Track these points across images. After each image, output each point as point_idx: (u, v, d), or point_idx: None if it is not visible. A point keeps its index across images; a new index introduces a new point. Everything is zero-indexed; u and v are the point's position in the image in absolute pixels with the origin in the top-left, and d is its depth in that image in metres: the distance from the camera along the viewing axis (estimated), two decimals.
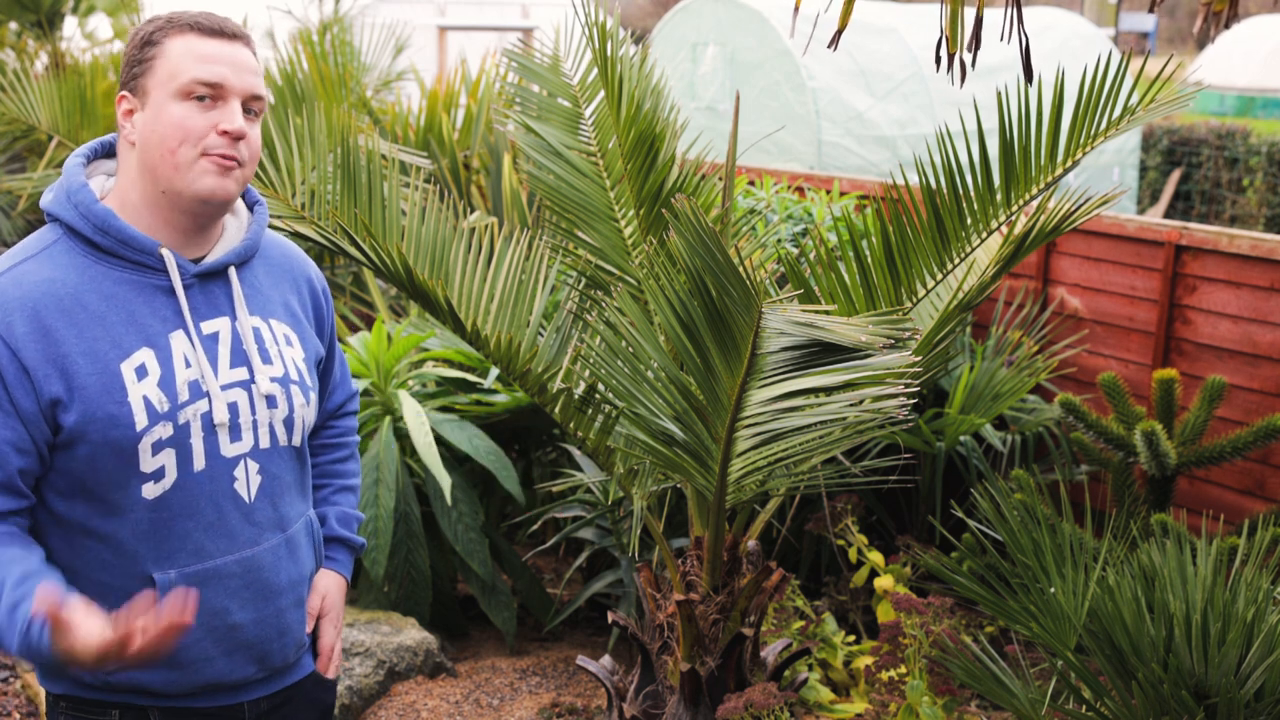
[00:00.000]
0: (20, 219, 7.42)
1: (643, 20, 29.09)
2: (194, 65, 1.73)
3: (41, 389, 1.69)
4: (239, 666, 1.88)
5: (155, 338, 1.76)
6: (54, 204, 1.78)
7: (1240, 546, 2.59)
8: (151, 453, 1.74)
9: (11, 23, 8.39)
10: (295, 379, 1.90)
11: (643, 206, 2.98)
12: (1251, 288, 3.98)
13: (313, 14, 7.94)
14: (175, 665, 1.81)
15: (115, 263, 1.76)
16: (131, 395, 1.72)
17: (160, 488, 1.76)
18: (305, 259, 2.04)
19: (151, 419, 1.73)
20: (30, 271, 1.73)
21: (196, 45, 1.74)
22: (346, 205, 2.69)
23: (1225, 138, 12.67)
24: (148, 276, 1.78)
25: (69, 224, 1.76)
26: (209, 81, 1.73)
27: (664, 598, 2.86)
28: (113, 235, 1.75)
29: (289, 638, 1.94)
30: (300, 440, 1.93)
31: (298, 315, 1.97)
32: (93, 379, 1.71)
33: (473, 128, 6.12)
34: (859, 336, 1.98)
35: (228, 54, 1.76)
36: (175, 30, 1.75)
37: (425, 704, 3.62)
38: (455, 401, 4.10)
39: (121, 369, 1.72)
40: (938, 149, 2.60)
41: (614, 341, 2.44)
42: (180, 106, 1.73)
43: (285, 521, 1.91)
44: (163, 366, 1.76)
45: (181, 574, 1.79)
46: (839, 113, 9.06)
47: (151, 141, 1.74)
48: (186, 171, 1.74)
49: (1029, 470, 4.05)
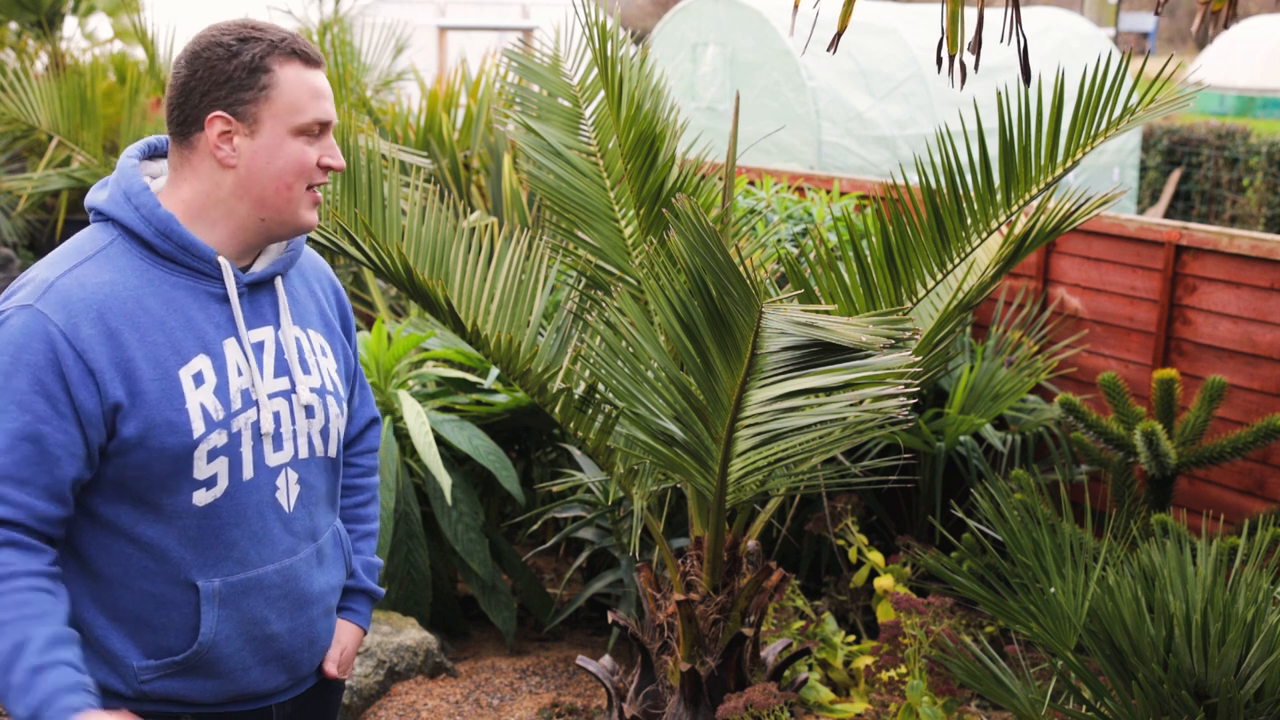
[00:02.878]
0: (20, 219, 7.42)
1: (643, 20, 29.08)
2: (312, 103, 1.76)
3: (106, 392, 1.67)
4: (271, 676, 1.88)
5: (211, 344, 1.76)
6: (109, 204, 1.76)
7: (1240, 546, 2.59)
8: (206, 460, 1.74)
9: (11, 23, 8.39)
10: (331, 389, 1.91)
11: (643, 206, 2.98)
12: (1251, 288, 3.98)
13: (313, 14, 7.94)
14: (213, 675, 1.81)
15: (171, 267, 1.76)
16: (189, 402, 1.72)
17: (211, 495, 1.76)
18: (322, 261, 2.05)
19: (208, 426, 1.73)
20: (91, 273, 1.71)
21: (308, 78, 1.76)
22: (347, 205, 2.70)
23: (1225, 138, 12.67)
24: (202, 283, 1.78)
25: (127, 225, 1.74)
26: (324, 121, 1.78)
27: (664, 598, 2.86)
28: (174, 241, 1.74)
29: (318, 646, 1.96)
30: (335, 451, 1.94)
31: (331, 324, 1.99)
32: (154, 385, 1.70)
33: (473, 128, 6.12)
34: (859, 336, 1.98)
35: (326, 86, 1.79)
36: (283, 57, 1.75)
37: (425, 704, 3.62)
38: (455, 401, 4.10)
39: (180, 375, 1.72)
40: (938, 149, 2.60)
41: (614, 341, 2.44)
42: (296, 143, 1.76)
43: (317, 531, 1.92)
44: (218, 374, 1.76)
45: (226, 583, 1.79)
46: (839, 113, 9.06)
47: (266, 174, 1.75)
48: (297, 205, 1.78)
49: (1029, 470, 4.05)
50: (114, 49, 8.88)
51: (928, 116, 9.33)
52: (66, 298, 1.67)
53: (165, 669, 1.78)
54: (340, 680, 2.08)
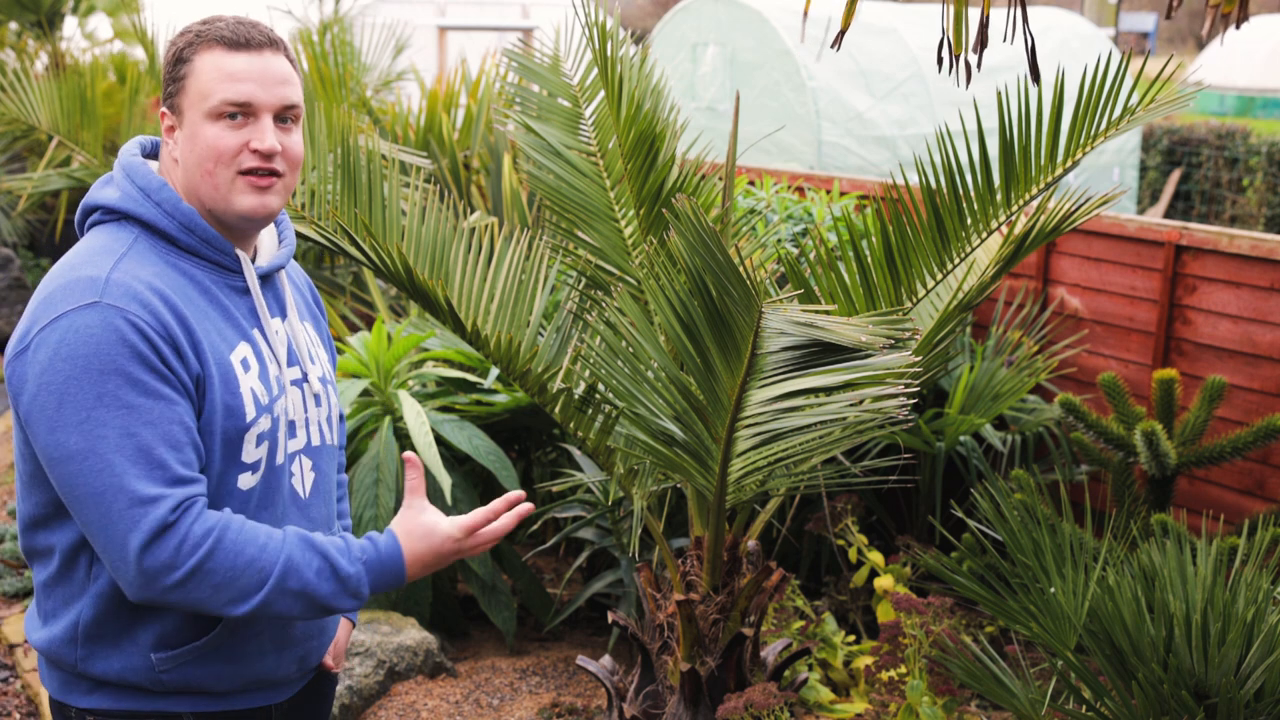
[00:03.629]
0: (20, 219, 7.42)
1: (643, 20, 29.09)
2: (222, 85, 1.72)
3: (191, 366, 1.69)
4: (285, 664, 1.89)
5: (247, 333, 1.79)
6: (127, 201, 1.76)
7: (1240, 546, 2.59)
8: (255, 444, 1.77)
9: (11, 23, 8.39)
10: (330, 379, 1.96)
11: (643, 206, 2.98)
12: (1251, 288, 3.98)
13: (313, 14, 7.95)
14: (231, 660, 1.82)
15: (196, 261, 1.77)
16: (243, 386, 1.75)
17: (255, 479, 1.78)
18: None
19: (258, 410, 1.76)
20: (135, 266, 1.70)
21: (224, 62, 1.72)
22: (347, 205, 2.70)
23: (1225, 138, 12.68)
24: (225, 276, 1.80)
25: (149, 222, 1.75)
26: (237, 101, 1.72)
27: (664, 598, 2.86)
28: (198, 234, 1.76)
29: (325, 636, 1.98)
30: (339, 439, 1.99)
31: (318, 317, 2.04)
32: (217, 368, 1.72)
33: (473, 128, 6.12)
34: (859, 337, 1.98)
35: (257, 68, 1.73)
36: (204, 45, 1.73)
37: (425, 704, 3.62)
38: (455, 401, 4.10)
39: (232, 360, 1.75)
40: (938, 149, 2.60)
41: (614, 341, 2.44)
42: (212, 128, 1.72)
43: (330, 519, 1.96)
44: (259, 361, 1.79)
45: None
46: (839, 113, 9.06)
47: (190, 162, 1.75)
48: (227, 192, 1.74)
49: (1029, 470, 4.05)
50: (114, 49, 8.88)
51: (928, 116, 9.33)
52: (129, 288, 1.66)
53: (186, 656, 1.78)
54: (333, 682, 2.10)
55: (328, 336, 2.06)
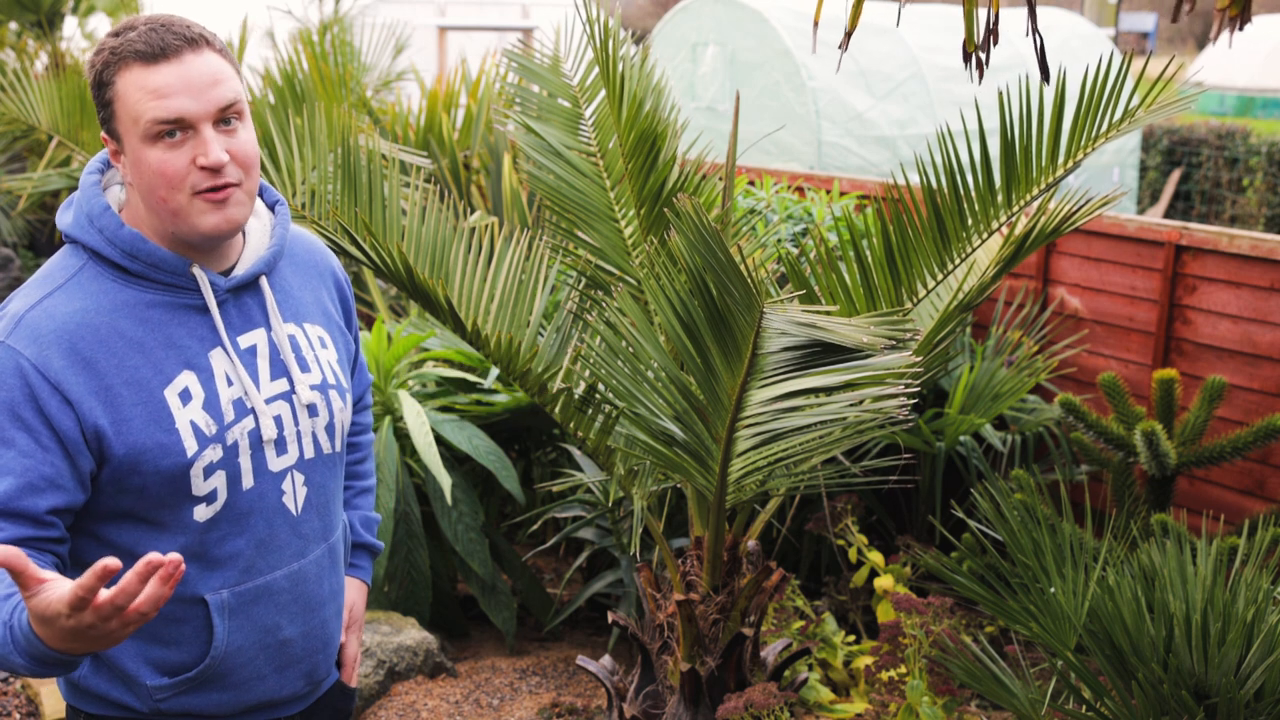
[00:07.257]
0: (20, 219, 7.42)
1: (643, 20, 29.09)
2: (150, 104, 1.60)
3: (85, 419, 1.62)
4: (289, 682, 1.86)
5: (195, 359, 1.70)
6: (75, 228, 1.70)
7: (1240, 546, 2.59)
8: (204, 477, 1.70)
9: (11, 23, 8.39)
10: (333, 383, 1.86)
11: (643, 206, 2.98)
12: (1251, 288, 3.98)
13: (313, 14, 7.95)
14: (228, 686, 1.79)
15: (146, 285, 1.69)
16: (179, 422, 1.67)
17: (212, 510, 1.72)
18: (326, 250, 1.99)
19: (201, 444, 1.69)
20: (61, 303, 1.65)
21: (146, 79, 1.61)
22: (347, 205, 2.69)
23: (1225, 138, 12.68)
24: (180, 296, 1.71)
25: (94, 249, 1.68)
26: (168, 120, 1.61)
27: (664, 598, 2.86)
28: (142, 260, 1.68)
29: (332, 648, 1.93)
30: (341, 445, 1.90)
31: (330, 313, 1.93)
32: (138, 409, 1.65)
33: (473, 128, 6.12)
34: (860, 337, 1.98)
35: (181, 77, 1.61)
36: (121, 64, 1.62)
37: (425, 704, 3.62)
38: (455, 401, 4.10)
39: (165, 395, 1.67)
40: (938, 149, 2.60)
41: (614, 341, 2.44)
42: (152, 152, 1.62)
43: (329, 531, 1.89)
44: (205, 388, 1.70)
45: (234, 593, 1.76)
46: (839, 113, 9.06)
47: (143, 189, 1.66)
48: (187, 215, 1.65)
49: (1029, 470, 4.05)
50: None
51: (928, 116, 9.33)
52: (36, 331, 1.62)
53: (180, 686, 1.76)
54: (352, 691, 2.06)
55: (343, 333, 1.96)
